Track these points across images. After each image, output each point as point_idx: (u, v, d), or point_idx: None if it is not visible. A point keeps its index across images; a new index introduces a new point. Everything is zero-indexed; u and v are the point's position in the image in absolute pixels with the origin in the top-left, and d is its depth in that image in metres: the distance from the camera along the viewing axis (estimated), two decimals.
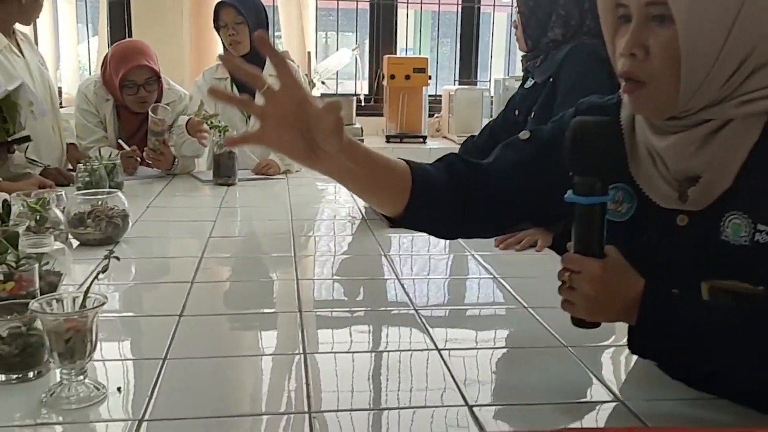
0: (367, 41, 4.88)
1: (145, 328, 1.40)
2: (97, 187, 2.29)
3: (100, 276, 1.11)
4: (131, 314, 1.46)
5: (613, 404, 1.07)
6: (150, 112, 2.86)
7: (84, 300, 1.06)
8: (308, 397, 1.09)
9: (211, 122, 2.80)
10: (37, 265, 1.32)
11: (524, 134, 1.23)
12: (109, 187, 2.35)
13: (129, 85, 2.90)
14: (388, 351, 1.30)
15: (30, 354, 1.11)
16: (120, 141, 2.97)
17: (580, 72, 2.18)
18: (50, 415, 1.02)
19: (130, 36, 4.32)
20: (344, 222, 2.30)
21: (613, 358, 1.25)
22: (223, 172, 2.81)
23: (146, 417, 1.01)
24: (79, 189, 2.24)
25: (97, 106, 3.02)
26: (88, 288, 1.07)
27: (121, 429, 0.99)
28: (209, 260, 1.81)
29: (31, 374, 1.11)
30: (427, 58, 4.42)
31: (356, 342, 1.36)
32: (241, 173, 2.90)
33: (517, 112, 2.67)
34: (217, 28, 3.10)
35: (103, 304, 1.05)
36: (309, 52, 4.42)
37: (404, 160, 1.13)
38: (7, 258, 1.31)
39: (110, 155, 2.64)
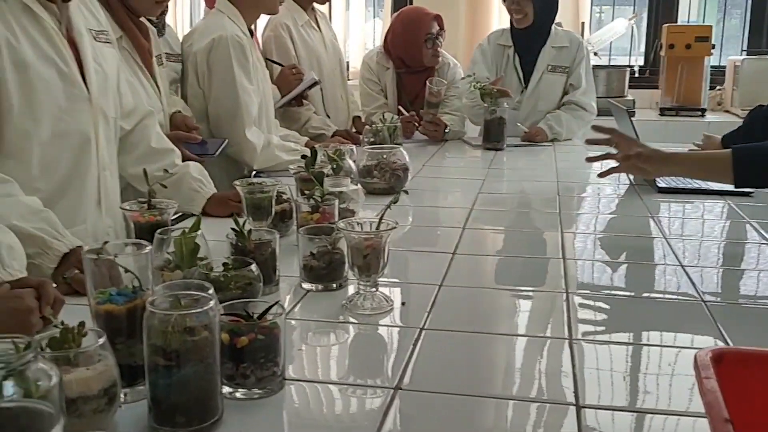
0: (645, 13, 4.70)
1: (424, 260, 1.58)
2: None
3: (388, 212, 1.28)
4: (412, 249, 1.65)
5: None
6: (428, 84, 3.08)
7: (379, 225, 1.25)
8: (569, 326, 1.18)
9: (483, 88, 2.93)
10: (336, 201, 1.56)
11: None
12: None
13: (429, 37, 3.14)
14: (645, 297, 1.34)
15: (334, 268, 1.33)
16: (400, 107, 3.23)
17: None
18: (348, 317, 1.22)
19: None
20: (610, 186, 2.31)
21: None
22: (493, 137, 2.94)
23: (425, 327, 1.17)
24: (369, 146, 2.50)
25: (378, 74, 3.31)
26: (382, 215, 1.26)
27: (406, 333, 1.16)
28: (478, 212, 1.95)
29: (334, 285, 1.34)
30: (711, 26, 4.16)
31: (617, 286, 1.41)
32: (509, 140, 3.01)
33: None
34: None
35: (394, 227, 1.23)
36: (582, 23, 4.39)
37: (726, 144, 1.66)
38: (315, 193, 1.56)
39: (391, 119, 2.89)
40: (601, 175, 1.78)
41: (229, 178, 2.28)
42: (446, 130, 3.15)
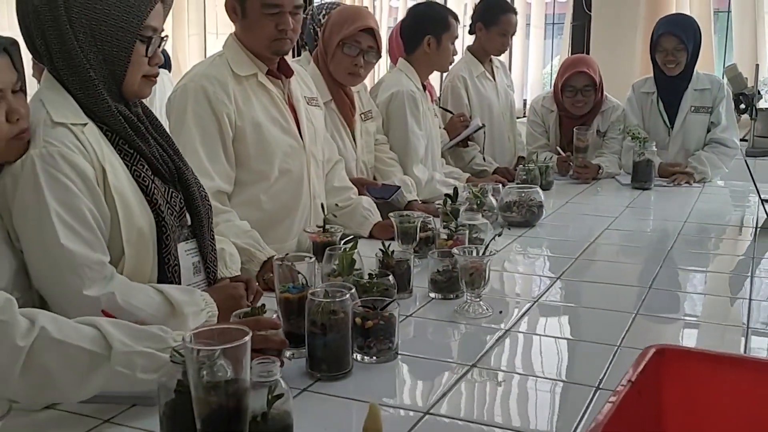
0: None
1: (533, 281, 1.97)
2: (531, 183, 2.92)
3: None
4: (524, 272, 2.04)
5: None
6: (575, 131, 3.40)
7: (484, 251, 1.67)
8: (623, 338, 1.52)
9: (633, 133, 3.22)
10: (467, 232, 1.99)
11: None
12: (541, 185, 2.99)
13: (570, 89, 3.47)
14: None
15: (452, 282, 1.77)
16: (558, 148, 3.58)
17: None
18: (459, 318, 1.65)
19: (588, 54, 4.91)
20: (743, 228, 2.53)
21: None
22: (640, 177, 3.21)
23: (511, 329, 1.58)
24: (518, 184, 2.89)
25: (542, 116, 3.69)
26: (487, 246, 1.68)
27: (495, 332, 1.56)
28: (597, 245, 2.30)
29: (451, 295, 1.77)
30: None
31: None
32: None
33: None
34: (654, 52, 3.43)
35: (493, 254, 1.65)
36: (757, 65, 4.43)
37: None
38: (450, 225, 2.01)
39: (545, 159, 3.26)
40: None
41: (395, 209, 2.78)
42: (600, 171, 3.44)
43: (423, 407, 1.23)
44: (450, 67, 3.17)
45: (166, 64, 4.90)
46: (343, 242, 1.79)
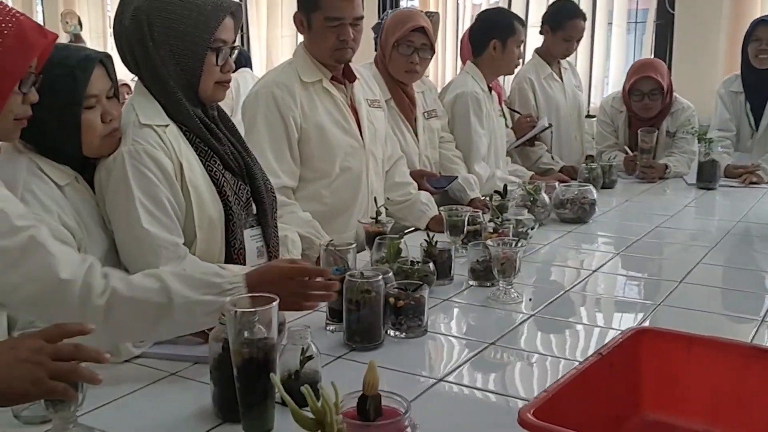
0: None
1: (569, 274, 2.10)
2: (593, 182, 3.03)
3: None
4: (563, 265, 2.18)
5: None
6: (639, 132, 3.45)
7: (517, 243, 1.82)
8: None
9: (699, 134, 3.26)
10: (512, 226, 2.14)
11: None
12: (603, 183, 3.10)
13: (637, 93, 3.53)
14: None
15: (488, 271, 1.93)
16: (626, 147, 3.64)
17: None
18: (491, 303, 1.81)
19: (670, 56, 4.88)
20: None
21: None
22: (705, 177, 3.25)
23: (536, 314, 1.73)
24: (580, 183, 2.99)
25: (612, 117, 3.75)
26: (519, 239, 1.83)
27: (521, 317, 1.72)
28: (641, 242, 2.39)
29: (487, 283, 1.93)
30: None
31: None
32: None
33: None
34: (747, 43, 3.47)
35: (522, 246, 1.80)
36: None
37: None
38: (495, 219, 2.16)
39: (609, 158, 3.34)
40: None
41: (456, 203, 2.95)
42: (667, 170, 3.49)
43: (437, 375, 1.41)
44: (516, 69, 3.30)
45: (248, 64, 5.33)
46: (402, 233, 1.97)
